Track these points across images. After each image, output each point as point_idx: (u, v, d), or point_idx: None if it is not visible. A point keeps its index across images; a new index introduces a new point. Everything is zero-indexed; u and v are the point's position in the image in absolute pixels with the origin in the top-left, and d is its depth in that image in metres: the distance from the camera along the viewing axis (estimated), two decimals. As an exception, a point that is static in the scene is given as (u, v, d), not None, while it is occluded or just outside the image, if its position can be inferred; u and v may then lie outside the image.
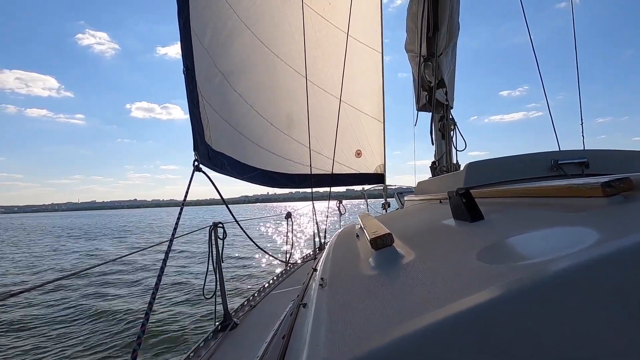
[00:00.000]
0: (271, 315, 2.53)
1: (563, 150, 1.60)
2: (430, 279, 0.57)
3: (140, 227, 32.59)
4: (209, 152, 3.39)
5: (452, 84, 3.35)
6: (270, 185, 4.57)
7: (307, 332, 0.58)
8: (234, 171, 3.84)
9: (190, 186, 2.72)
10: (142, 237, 21.68)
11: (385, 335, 0.41)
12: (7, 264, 12.12)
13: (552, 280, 0.38)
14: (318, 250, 4.75)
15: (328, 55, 4.81)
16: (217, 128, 3.59)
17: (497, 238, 0.66)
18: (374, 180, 5.65)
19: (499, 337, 0.36)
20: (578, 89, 3.65)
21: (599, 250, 0.40)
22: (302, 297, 1.07)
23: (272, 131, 4.51)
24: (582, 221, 0.58)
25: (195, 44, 3.27)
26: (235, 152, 3.88)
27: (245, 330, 2.61)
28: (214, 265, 2.70)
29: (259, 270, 9.44)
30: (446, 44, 3.08)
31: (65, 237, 23.77)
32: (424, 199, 2.09)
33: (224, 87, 3.82)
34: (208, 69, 3.55)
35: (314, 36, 4.62)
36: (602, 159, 1.51)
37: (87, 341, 4.90)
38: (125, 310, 6.21)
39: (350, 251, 1.11)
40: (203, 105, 3.36)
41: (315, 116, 4.62)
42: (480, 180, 1.45)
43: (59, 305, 6.67)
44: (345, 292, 0.68)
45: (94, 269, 9.23)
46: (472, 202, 0.90)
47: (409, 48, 3.44)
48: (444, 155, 3.24)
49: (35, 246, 18.16)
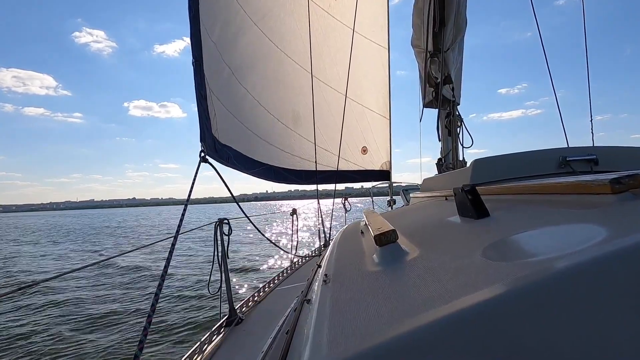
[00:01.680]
0: (276, 311, 2.55)
1: (571, 147, 1.57)
2: (435, 276, 0.56)
3: (122, 228, 30.40)
4: (216, 144, 3.40)
5: (459, 80, 3.32)
6: (276, 180, 4.57)
7: (310, 328, 0.58)
8: (240, 165, 3.85)
9: (196, 179, 2.73)
10: (113, 240, 19.19)
11: (389, 331, 0.41)
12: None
13: (559, 277, 0.38)
14: (323, 247, 4.76)
15: (334, 52, 4.79)
16: (224, 121, 3.60)
17: (503, 235, 0.65)
18: (379, 177, 5.63)
19: (504, 334, 0.35)
20: (588, 85, 3.60)
21: (606, 248, 0.40)
22: (307, 293, 1.07)
23: (278, 127, 4.51)
24: (590, 218, 0.57)
25: (204, 37, 3.29)
26: (242, 146, 3.89)
27: (250, 325, 2.63)
28: (219, 261, 2.72)
29: (266, 265, 9.49)
30: (453, 39, 3.04)
31: (25, 239, 21.46)
32: (429, 196, 2.07)
33: (231, 81, 3.83)
34: (216, 62, 3.56)
35: (320, 32, 4.60)
36: (612, 156, 1.48)
37: (90, 338, 4.98)
38: (131, 305, 6.30)
39: (355, 247, 1.11)
40: (210, 98, 3.38)
41: (321, 112, 4.61)
42: (487, 177, 1.44)
43: (51, 306, 6.64)
44: (348, 288, 0.68)
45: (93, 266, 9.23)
46: (478, 199, 0.89)
47: (415, 44, 3.41)
48: (449, 152, 3.21)
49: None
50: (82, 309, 6.22)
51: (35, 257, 13.64)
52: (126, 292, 7.25)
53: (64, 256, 13.78)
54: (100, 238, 21.17)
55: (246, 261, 10.19)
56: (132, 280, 8.35)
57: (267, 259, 10.38)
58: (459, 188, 0.96)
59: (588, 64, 3.43)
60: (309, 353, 0.48)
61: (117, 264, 9.91)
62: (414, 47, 3.47)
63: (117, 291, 7.35)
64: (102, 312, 5.98)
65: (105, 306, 6.29)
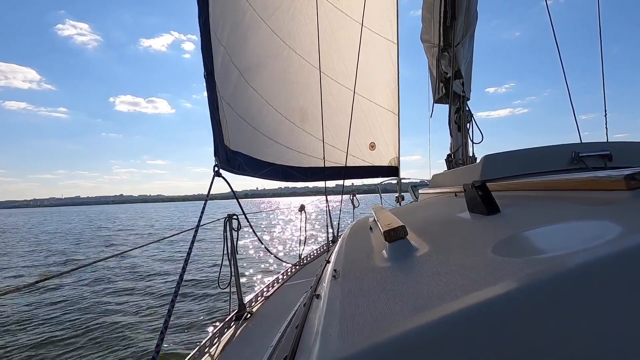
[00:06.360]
0: (285, 306, 2.57)
1: (585, 142, 1.54)
2: (444, 272, 0.56)
3: (71, 234, 22.73)
4: (227, 155, 3.43)
5: (469, 75, 3.27)
6: (283, 179, 4.58)
7: (320, 322, 0.58)
8: (250, 169, 3.86)
9: (211, 189, 2.84)
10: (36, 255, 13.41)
11: (400, 327, 0.41)
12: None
13: (571, 274, 0.38)
14: (331, 243, 4.77)
15: (342, 47, 4.76)
16: (234, 126, 3.61)
17: (514, 231, 0.65)
18: (387, 173, 5.59)
19: (515, 331, 0.35)
20: (602, 80, 3.51)
21: (621, 245, 0.39)
22: (316, 288, 1.08)
23: (286, 125, 4.51)
24: (604, 215, 0.56)
25: (215, 44, 3.29)
26: (251, 149, 3.90)
27: (259, 320, 2.66)
28: (229, 257, 2.75)
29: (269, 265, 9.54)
30: (463, 33, 3.00)
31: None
32: (439, 192, 2.06)
33: (240, 84, 3.83)
34: (226, 67, 3.57)
35: (328, 27, 4.57)
36: (627, 152, 1.45)
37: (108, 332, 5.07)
38: (149, 298, 6.40)
39: (364, 243, 1.11)
40: (222, 107, 3.39)
41: (329, 109, 4.59)
42: (497, 173, 1.42)
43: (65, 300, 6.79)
44: (358, 284, 0.68)
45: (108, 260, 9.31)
46: (489, 195, 0.88)
47: (424, 38, 3.37)
48: (459, 148, 3.18)
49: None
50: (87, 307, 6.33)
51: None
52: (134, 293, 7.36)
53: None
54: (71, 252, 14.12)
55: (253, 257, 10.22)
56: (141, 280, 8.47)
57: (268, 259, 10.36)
58: (469, 184, 0.95)
59: (603, 63, 3.33)
60: (320, 347, 0.48)
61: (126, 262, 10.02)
62: (423, 41, 3.43)
63: (131, 288, 7.47)
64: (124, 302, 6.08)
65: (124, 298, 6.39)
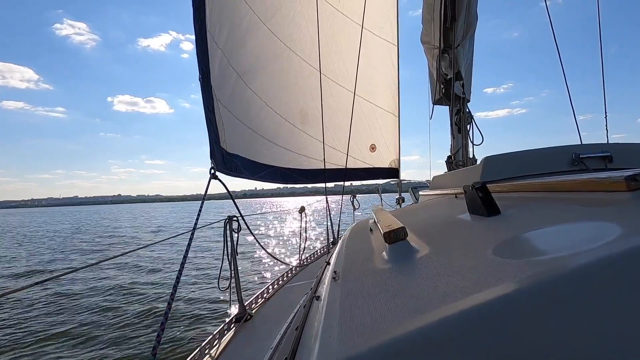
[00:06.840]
0: (285, 308, 2.56)
1: (585, 143, 1.54)
2: (444, 273, 0.56)
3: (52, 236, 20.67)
4: (224, 157, 3.36)
5: (469, 76, 3.28)
6: (282, 182, 4.56)
7: (320, 324, 0.58)
8: (247, 171, 3.81)
9: (206, 194, 2.78)
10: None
11: (399, 328, 0.41)
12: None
13: (572, 276, 0.37)
14: (332, 245, 4.76)
15: (343, 49, 4.77)
16: (231, 129, 3.56)
17: (515, 233, 0.65)
18: (388, 174, 5.59)
19: (515, 332, 0.35)
20: (602, 81, 3.51)
21: (621, 246, 0.39)
22: (316, 290, 1.08)
23: (285, 127, 4.50)
24: (604, 216, 0.56)
25: (211, 46, 3.24)
26: (249, 152, 3.85)
27: (259, 322, 2.65)
28: (229, 258, 2.74)
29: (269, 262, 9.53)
30: (464, 35, 3.01)
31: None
32: (439, 193, 2.06)
33: (238, 86, 3.79)
34: (224, 69, 3.53)
35: (329, 30, 4.58)
36: (627, 153, 1.44)
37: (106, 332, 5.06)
38: (148, 298, 6.39)
39: (364, 245, 1.11)
40: (218, 109, 3.32)
41: (329, 110, 4.59)
42: (498, 174, 1.42)
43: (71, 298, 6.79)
44: (358, 285, 0.68)
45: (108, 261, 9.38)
46: (489, 196, 0.88)
47: (424, 40, 3.38)
48: (459, 149, 3.18)
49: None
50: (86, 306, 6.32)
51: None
52: (132, 292, 7.36)
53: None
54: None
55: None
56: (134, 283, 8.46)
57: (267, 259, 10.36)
58: (469, 185, 0.95)
59: (603, 64, 3.33)
60: (319, 349, 0.48)
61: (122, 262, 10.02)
62: (423, 43, 3.43)
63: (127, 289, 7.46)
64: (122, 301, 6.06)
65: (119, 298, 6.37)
